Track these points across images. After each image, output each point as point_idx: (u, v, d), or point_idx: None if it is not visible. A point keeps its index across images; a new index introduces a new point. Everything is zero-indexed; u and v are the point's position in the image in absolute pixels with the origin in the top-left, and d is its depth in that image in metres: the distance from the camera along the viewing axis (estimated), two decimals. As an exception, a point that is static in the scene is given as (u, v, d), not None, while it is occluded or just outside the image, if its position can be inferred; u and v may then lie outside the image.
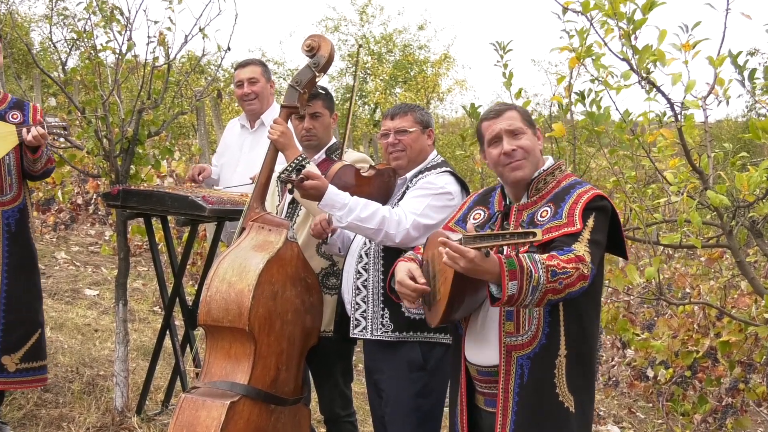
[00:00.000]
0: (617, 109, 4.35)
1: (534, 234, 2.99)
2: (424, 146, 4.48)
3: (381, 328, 4.31)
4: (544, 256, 3.20)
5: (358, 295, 4.36)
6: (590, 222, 3.38)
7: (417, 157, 4.45)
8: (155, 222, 5.86)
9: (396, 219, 4.17)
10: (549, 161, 3.67)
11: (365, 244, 4.38)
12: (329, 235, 4.48)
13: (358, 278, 4.37)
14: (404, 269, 3.64)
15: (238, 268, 4.23)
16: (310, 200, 4.24)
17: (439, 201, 4.27)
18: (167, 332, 5.70)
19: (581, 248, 3.29)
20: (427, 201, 4.26)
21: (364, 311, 4.34)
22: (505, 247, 3.11)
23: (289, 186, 4.18)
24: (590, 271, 3.25)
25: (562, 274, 3.17)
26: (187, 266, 8.31)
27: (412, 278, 3.58)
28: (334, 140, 4.87)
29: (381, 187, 4.46)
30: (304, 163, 4.46)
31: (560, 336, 3.42)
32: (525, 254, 3.19)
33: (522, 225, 3.53)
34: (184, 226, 5.53)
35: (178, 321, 6.48)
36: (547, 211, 3.49)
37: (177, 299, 5.63)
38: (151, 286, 9.62)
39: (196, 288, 7.18)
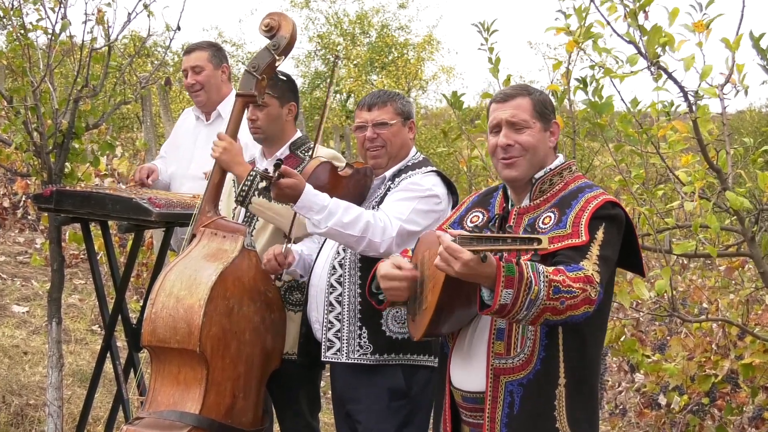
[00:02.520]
0: (622, 99, 4.38)
1: (539, 241, 2.97)
2: (405, 141, 4.48)
3: (358, 350, 4.31)
4: (550, 269, 3.18)
5: (331, 312, 4.35)
6: (599, 234, 3.36)
7: (398, 153, 4.45)
8: (94, 228, 5.83)
9: (381, 226, 4.17)
10: (559, 159, 3.65)
11: (338, 253, 4.38)
12: (285, 269, 4.46)
13: (332, 293, 4.36)
14: (387, 262, 3.63)
15: (188, 281, 4.22)
16: (283, 201, 4.22)
17: (426, 205, 4.28)
18: (108, 355, 5.68)
19: (590, 267, 3.27)
20: (413, 204, 4.27)
21: (339, 331, 4.33)
22: (504, 253, 3.10)
23: (264, 183, 4.12)
24: (597, 294, 3.23)
25: (566, 293, 3.16)
26: (131, 279, 8.28)
27: (398, 267, 3.57)
28: (298, 134, 4.86)
29: (356, 187, 4.46)
30: (259, 178, 4.37)
31: (559, 362, 3.41)
32: (528, 262, 3.16)
33: (525, 231, 3.52)
34: (128, 232, 5.50)
35: (121, 342, 6.46)
36: (550, 217, 3.47)
37: (119, 317, 5.61)
38: (89, 302, 9.58)
39: (141, 304, 7.16)
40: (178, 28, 5.71)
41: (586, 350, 3.46)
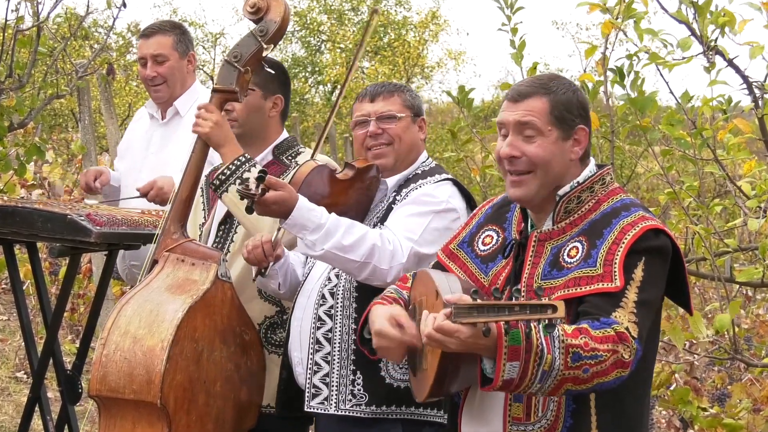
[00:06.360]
0: (671, 92, 4.38)
1: (553, 308, 2.93)
2: (416, 141, 4.47)
3: (351, 400, 4.28)
4: (569, 329, 3.14)
5: (318, 351, 4.32)
6: (638, 273, 3.29)
7: (407, 156, 4.44)
8: (19, 251, 5.85)
9: (390, 249, 4.13)
10: (588, 169, 3.54)
11: (329, 279, 4.35)
12: (271, 263, 4.37)
13: (319, 328, 4.32)
14: (384, 314, 3.55)
15: (148, 318, 4.21)
16: (270, 216, 4.17)
17: (442, 221, 4.27)
18: (36, 408, 5.68)
19: (624, 318, 3.22)
20: (426, 221, 4.25)
21: (327, 375, 4.30)
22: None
23: (248, 203, 4.04)
24: (633, 354, 3.19)
25: (590, 359, 3.12)
26: (65, 314, 8.28)
27: (398, 325, 3.49)
28: (284, 135, 4.81)
29: (361, 195, 4.43)
30: (248, 165, 4.38)
31: (590, 429, 3.38)
32: (540, 324, 3.10)
33: (547, 264, 3.47)
34: (61, 256, 5.51)
35: (52, 392, 6.47)
36: (577, 248, 3.41)
37: (50, 361, 5.61)
38: (13, 343, 9.59)
39: (77, 345, 7.16)
40: (124, 5, 5.72)
41: (624, 408, 3.43)
